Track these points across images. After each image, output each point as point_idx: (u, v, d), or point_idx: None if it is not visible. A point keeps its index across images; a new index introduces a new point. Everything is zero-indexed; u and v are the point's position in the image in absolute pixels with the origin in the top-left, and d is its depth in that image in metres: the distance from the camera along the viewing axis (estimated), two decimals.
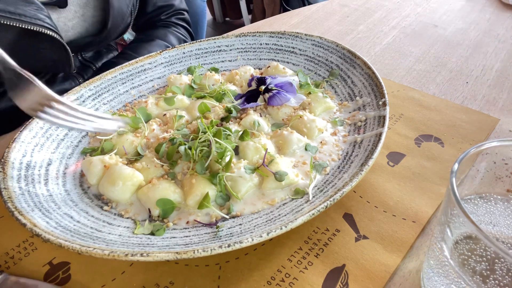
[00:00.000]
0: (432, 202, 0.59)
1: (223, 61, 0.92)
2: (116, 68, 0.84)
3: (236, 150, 0.65)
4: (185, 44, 0.91)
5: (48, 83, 0.99)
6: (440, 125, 0.74)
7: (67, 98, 0.76)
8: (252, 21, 3.34)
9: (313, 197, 0.56)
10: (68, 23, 0.94)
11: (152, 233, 0.55)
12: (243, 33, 0.93)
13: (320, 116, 0.73)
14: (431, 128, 0.73)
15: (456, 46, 1.00)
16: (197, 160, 0.61)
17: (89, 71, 1.09)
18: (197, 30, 2.90)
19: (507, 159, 0.44)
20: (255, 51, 0.92)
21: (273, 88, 0.74)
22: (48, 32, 0.81)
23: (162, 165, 0.64)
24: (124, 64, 0.85)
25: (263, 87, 0.75)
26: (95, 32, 1.01)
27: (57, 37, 0.84)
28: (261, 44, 0.92)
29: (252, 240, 0.47)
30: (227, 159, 0.60)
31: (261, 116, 0.72)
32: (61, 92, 1.00)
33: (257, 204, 0.58)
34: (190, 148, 0.62)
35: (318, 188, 0.59)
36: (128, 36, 1.77)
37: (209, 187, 0.58)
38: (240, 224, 0.54)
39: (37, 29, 0.79)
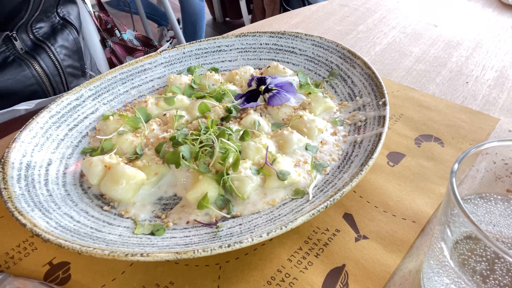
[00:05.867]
0: (432, 202, 0.59)
1: (223, 61, 0.92)
2: (116, 68, 0.84)
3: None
4: (185, 44, 0.91)
5: None
6: (440, 125, 0.74)
7: (67, 98, 0.75)
8: (252, 21, 3.34)
9: (313, 197, 0.56)
10: None
11: (152, 233, 0.55)
12: (243, 33, 0.93)
13: (320, 116, 0.73)
14: (431, 128, 0.73)
15: (456, 46, 1.00)
16: (199, 158, 0.61)
17: (43, 53, 0.99)
18: (195, 30, 2.91)
19: (507, 159, 0.44)
20: (255, 51, 0.92)
21: (273, 88, 0.74)
22: None
23: (164, 162, 0.64)
24: (124, 64, 0.85)
25: (263, 87, 0.75)
26: None
27: None
28: (261, 44, 0.92)
29: (252, 240, 0.47)
30: (231, 159, 0.60)
31: (261, 116, 0.72)
32: (19, 81, 0.93)
33: (257, 204, 0.58)
34: (193, 144, 0.62)
35: (318, 188, 0.59)
36: (128, 36, 1.77)
37: (213, 187, 0.58)
38: (240, 224, 0.54)
39: None
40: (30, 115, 0.87)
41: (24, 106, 0.91)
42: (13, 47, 0.96)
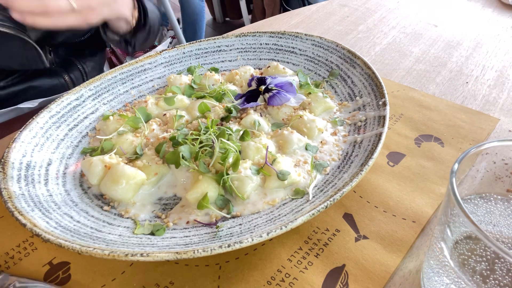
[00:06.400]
0: (432, 202, 0.59)
1: (223, 61, 0.92)
2: (116, 68, 0.84)
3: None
4: (185, 44, 0.91)
5: (29, 78, 0.98)
6: (440, 125, 0.74)
7: (67, 98, 0.76)
8: (252, 21, 3.34)
9: (313, 197, 0.56)
10: None
11: (152, 233, 0.55)
12: (243, 33, 0.93)
13: (320, 116, 0.73)
14: (431, 128, 0.73)
15: (456, 46, 1.00)
16: (199, 158, 0.61)
17: (73, 66, 1.06)
18: (195, 30, 2.91)
19: (507, 159, 0.44)
20: (255, 51, 0.92)
21: (273, 88, 0.74)
22: (15, 33, 0.79)
23: (164, 162, 0.64)
24: (124, 64, 0.85)
25: (263, 87, 0.75)
26: None
27: (23, 36, 0.82)
28: (261, 44, 0.92)
29: (252, 240, 0.47)
30: (231, 159, 0.60)
31: (261, 116, 0.72)
32: (48, 89, 0.99)
33: (257, 204, 0.58)
34: (193, 144, 0.62)
35: (318, 188, 0.59)
36: None
37: (213, 187, 0.58)
38: (240, 224, 0.54)
39: (5, 30, 0.77)
40: (31, 114, 0.87)
41: (27, 105, 0.92)
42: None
